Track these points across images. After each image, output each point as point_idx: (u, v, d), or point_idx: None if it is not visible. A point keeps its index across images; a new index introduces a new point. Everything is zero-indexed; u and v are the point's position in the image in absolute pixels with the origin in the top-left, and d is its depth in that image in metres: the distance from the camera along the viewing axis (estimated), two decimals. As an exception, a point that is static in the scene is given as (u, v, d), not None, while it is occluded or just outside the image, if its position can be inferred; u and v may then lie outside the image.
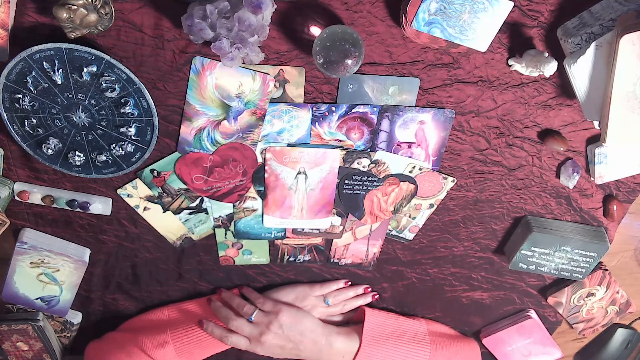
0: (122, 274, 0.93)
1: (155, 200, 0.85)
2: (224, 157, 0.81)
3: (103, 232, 0.88)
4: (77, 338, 0.99)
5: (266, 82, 0.75)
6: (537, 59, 0.72)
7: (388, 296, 0.98)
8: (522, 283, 0.97)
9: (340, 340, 0.91)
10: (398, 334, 0.95)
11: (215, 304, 0.92)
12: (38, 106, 0.74)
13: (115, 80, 0.72)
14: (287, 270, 0.95)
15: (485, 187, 0.87)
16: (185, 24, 0.66)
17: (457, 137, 0.82)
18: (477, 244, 0.93)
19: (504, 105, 0.79)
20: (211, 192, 0.84)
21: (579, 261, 0.90)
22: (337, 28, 0.68)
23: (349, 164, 0.83)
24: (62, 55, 0.70)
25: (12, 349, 0.96)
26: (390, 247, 0.93)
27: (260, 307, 0.91)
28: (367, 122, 0.80)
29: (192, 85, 0.75)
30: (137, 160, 0.79)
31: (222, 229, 0.89)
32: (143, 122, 0.76)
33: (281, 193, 0.85)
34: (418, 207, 0.88)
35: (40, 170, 0.82)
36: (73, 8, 0.64)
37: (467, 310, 1.00)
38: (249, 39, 0.66)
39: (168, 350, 0.90)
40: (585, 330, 1.02)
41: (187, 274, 0.94)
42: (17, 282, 0.89)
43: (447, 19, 0.67)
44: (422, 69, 0.76)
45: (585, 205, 0.89)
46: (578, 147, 0.83)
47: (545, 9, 0.72)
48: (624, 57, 0.66)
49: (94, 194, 0.84)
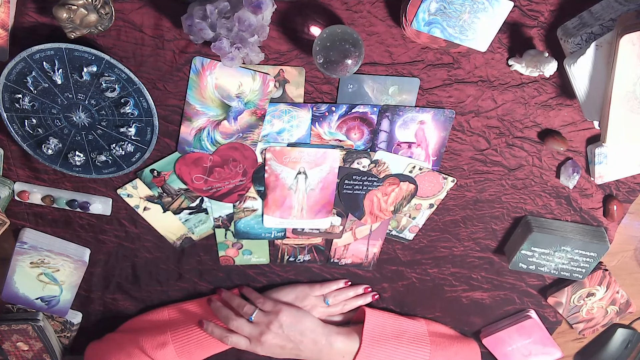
0: (122, 274, 0.93)
1: (155, 200, 0.85)
2: (224, 157, 0.81)
3: (103, 232, 0.88)
4: (77, 338, 0.99)
5: (266, 82, 0.75)
6: (537, 59, 0.72)
7: (388, 296, 0.98)
8: (522, 283, 0.97)
9: (340, 340, 0.91)
10: (398, 334, 0.95)
11: (215, 304, 0.92)
12: (38, 106, 0.74)
13: (115, 80, 0.72)
14: (287, 270, 0.95)
15: (485, 187, 0.87)
16: (185, 24, 0.66)
17: (457, 137, 0.82)
18: (477, 244, 0.93)
19: (504, 105, 0.79)
20: (211, 192, 0.84)
21: (579, 261, 0.90)
22: (337, 28, 0.68)
23: (349, 164, 0.83)
24: (62, 55, 0.70)
25: (12, 349, 0.96)
26: (390, 247, 0.93)
27: (260, 307, 0.91)
28: (367, 122, 0.80)
29: (192, 85, 0.75)
30: (137, 160, 0.79)
31: (222, 229, 0.89)
32: (143, 122, 0.76)
33: (281, 193, 0.85)
34: (418, 207, 0.88)
35: (40, 170, 0.82)
36: (73, 8, 0.64)
37: (467, 310, 1.00)
38: (249, 39, 0.66)
39: (168, 350, 0.90)
40: (585, 330, 1.02)
41: (187, 274, 0.94)
42: (17, 282, 0.89)
43: (447, 19, 0.67)
44: (422, 69, 0.76)
45: (585, 205, 0.89)
46: (578, 147, 0.83)
47: (545, 9, 0.72)
48: (624, 57, 0.66)
49: (94, 194, 0.84)
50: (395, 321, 0.97)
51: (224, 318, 0.90)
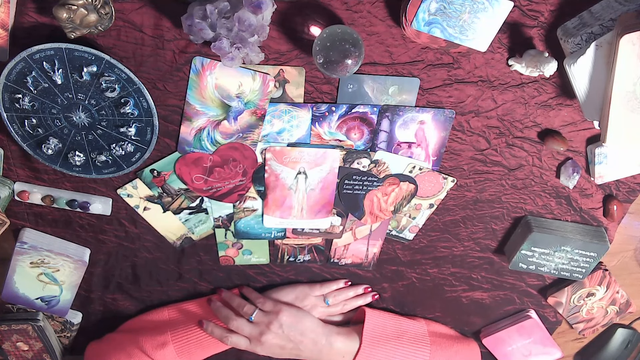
0: (122, 274, 0.93)
1: (155, 200, 0.85)
2: (224, 157, 0.81)
3: (103, 232, 0.88)
4: (77, 338, 0.99)
5: (266, 82, 0.75)
6: (537, 59, 0.72)
7: (388, 296, 0.98)
8: (522, 283, 0.97)
9: (340, 341, 0.91)
10: (398, 335, 0.95)
11: (216, 304, 0.92)
12: (38, 106, 0.74)
13: (115, 80, 0.72)
14: (287, 270, 0.95)
15: (485, 187, 0.87)
16: (185, 24, 0.66)
17: (457, 137, 0.82)
18: (477, 244, 0.93)
19: (504, 105, 0.79)
20: (211, 192, 0.84)
21: (579, 261, 0.90)
22: (337, 28, 0.68)
23: (349, 164, 0.83)
24: (62, 55, 0.70)
25: (12, 349, 0.96)
26: (390, 247, 0.93)
27: (260, 307, 0.91)
28: (367, 122, 0.80)
29: (192, 85, 0.75)
30: (137, 160, 0.79)
31: (222, 229, 0.89)
32: (143, 122, 0.76)
33: (281, 193, 0.85)
34: (418, 207, 0.88)
35: (40, 170, 0.82)
36: (73, 8, 0.64)
37: (467, 310, 1.00)
38: (249, 39, 0.66)
39: (168, 350, 0.90)
40: (585, 330, 1.02)
41: (187, 274, 0.94)
42: (17, 282, 0.89)
43: (447, 19, 0.67)
44: (422, 69, 0.76)
45: (585, 205, 0.89)
46: (578, 147, 0.83)
47: (545, 9, 0.72)
48: (624, 57, 0.66)
49: (94, 194, 0.84)
50: (395, 321, 0.97)
51: (224, 318, 0.90)
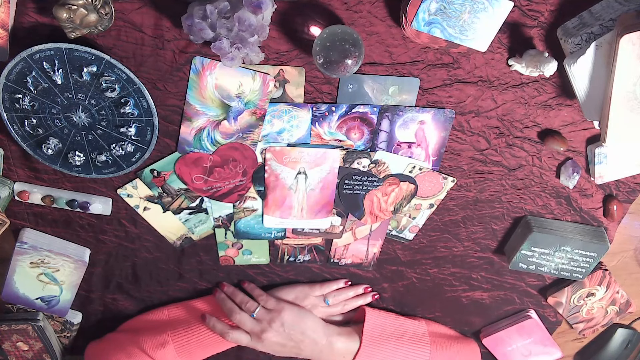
0: (122, 274, 0.93)
1: (155, 200, 0.85)
2: (224, 157, 0.81)
3: (103, 232, 0.88)
4: (77, 338, 0.99)
5: (266, 82, 0.75)
6: (537, 59, 0.72)
7: (388, 296, 0.98)
8: (522, 283, 0.97)
9: (340, 341, 0.91)
10: (398, 335, 0.95)
11: (221, 295, 0.92)
12: (38, 106, 0.74)
13: (115, 80, 0.72)
14: (287, 270, 0.95)
15: (485, 187, 0.87)
16: (185, 24, 0.66)
17: (457, 137, 0.82)
18: (477, 244, 0.93)
19: (504, 105, 0.79)
20: (211, 192, 0.84)
21: (579, 261, 0.90)
22: (337, 28, 0.68)
23: (349, 164, 0.83)
24: (62, 55, 0.70)
25: (12, 349, 0.96)
26: (390, 247, 0.93)
27: (262, 304, 0.91)
28: (367, 122, 0.80)
29: (192, 85, 0.75)
30: (137, 160, 0.79)
31: (222, 229, 0.89)
32: (143, 122, 0.76)
33: (281, 193, 0.85)
34: (418, 207, 0.88)
35: (40, 170, 0.82)
36: (73, 8, 0.64)
37: (467, 310, 1.00)
38: (249, 39, 0.66)
39: (168, 350, 0.90)
40: (585, 330, 1.02)
41: (187, 274, 0.94)
42: (17, 282, 0.89)
43: (447, 19, 0.67)
44: (422, 69, 0.76)
45: (585, 205, 0.89)
46: (578, 147, 0.83)
47: (545, 9, 0.72)
48: (624, 57, 0.66)
49: (94, 194, 0.84)
50: (395, 321, 0.97)
51: (228, 310, 0.90)
